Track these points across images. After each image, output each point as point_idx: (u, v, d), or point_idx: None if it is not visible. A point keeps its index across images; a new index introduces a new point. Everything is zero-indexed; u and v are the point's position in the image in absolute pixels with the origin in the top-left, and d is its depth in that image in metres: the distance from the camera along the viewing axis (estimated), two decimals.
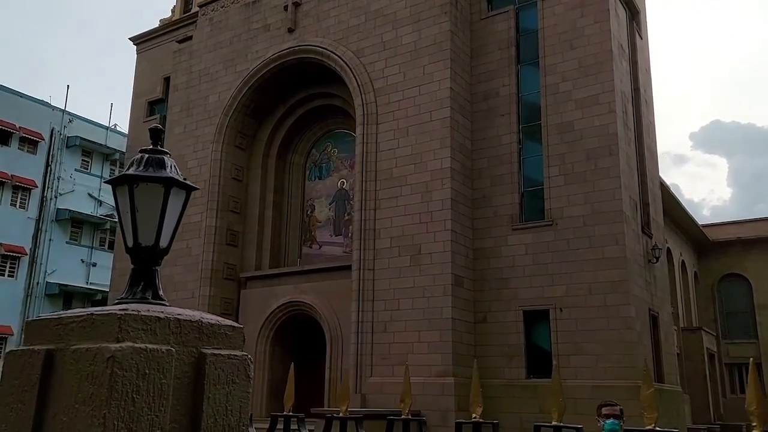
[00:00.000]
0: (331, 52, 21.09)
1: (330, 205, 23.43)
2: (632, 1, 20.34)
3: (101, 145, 37.74)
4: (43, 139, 35.64)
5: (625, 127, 18.00)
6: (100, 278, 35.17)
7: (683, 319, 32.10)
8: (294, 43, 22.10)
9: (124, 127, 37.87)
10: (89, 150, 37.64)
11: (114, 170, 38.74)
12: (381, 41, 20.10)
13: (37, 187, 35.05)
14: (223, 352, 2.42)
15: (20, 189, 34.66)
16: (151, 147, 3.11)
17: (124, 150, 34.67)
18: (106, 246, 37.09)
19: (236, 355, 2.47)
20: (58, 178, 35.75)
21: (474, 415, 4.56)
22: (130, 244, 2.84)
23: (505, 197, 18.27)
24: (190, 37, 25.38)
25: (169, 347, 2.25)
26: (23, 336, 2.80)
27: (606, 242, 16.62)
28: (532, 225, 17.66)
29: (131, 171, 2.88)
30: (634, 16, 20.64)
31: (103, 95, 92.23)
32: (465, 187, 18.51)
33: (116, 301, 2.81)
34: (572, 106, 17.81)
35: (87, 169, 37.53)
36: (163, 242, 2.82)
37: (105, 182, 3.02)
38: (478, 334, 17.71)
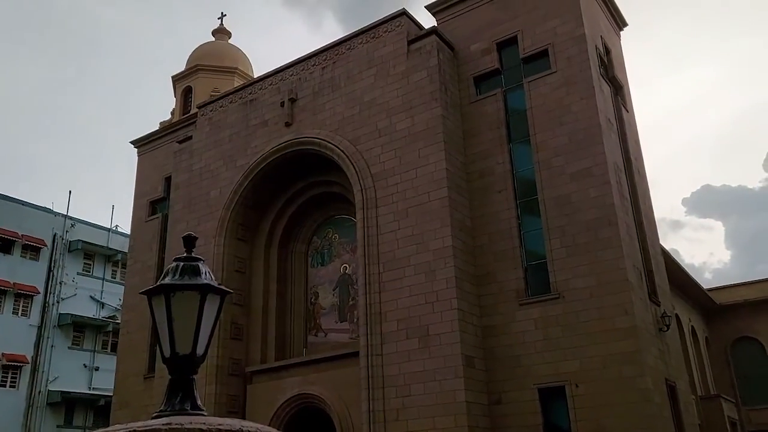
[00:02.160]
0: (328, 142, 21.68)
1: (333, 290, 23.33)
2: (615, 77, 21.15)
3: (103, 246, 37.95)
4: (46, 245, 35.88)
5: (621, 197, 18.25)
6: (103, 382, 34.37)
7: (700, 387, 31.24)
8: (292, 136, 22.75)
9: (124, 228, 38.27)
10: (91, 252, 37.81)
11: (116, 271, 38.76)
12: (376, 129, 20.71)
13: (39, 293, 34.94)
14: None
15: (22, 296, 34.53)
16: (185, 255, 3.14)
17: (125, 251, 34.87)
18: (109, 348, 36.51)
19: None
20: (61, 283, 35.69)
21: None
22: (167, 354, 2.81)
23: (509, 272, 18.25)
24: (190, 137, 26.11)
25: None
26: None
27: (615, 313, 16.46)
28: (539, 299, 17.54)
29: (167, 280, 2.90)
30: (618, 91, 21.41)
31: (104, 198, 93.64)
32: (468, 264, 18.53)
33: (155, 414, 2.76)
34: (567, 180, 18.13)
35: (89, 271, 37.54)
36: (200, 350, 2.81)
37: (140, 293, 3.05)
38: (494, 416, 17.18)
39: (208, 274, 2.95)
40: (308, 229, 24.64)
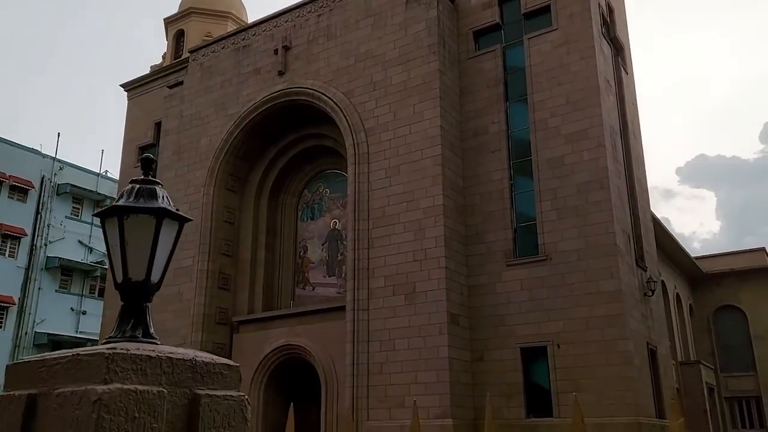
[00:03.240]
0: (322, 93, 21.27)
1: (323, 245, 23.28)
2: (617, 37, 20.72)
3: (92, 191, 37.60)
4: (33, 187, 35.48)
5: (614, 161, 18.10)
6: (90, 326, 34.57)
7: (681, 353, 31.77)
8: (284, 86, 22.30)
9: (114, 173, 37.85)
10: (80, 197, 37.47)
11: None
12: (371, 81, 20.30)
13: (26, 235, 34.73)
14: (218, 392, 2.22)
15: (9, 238, 34.32)
16: (141, 177, 2.97)
17: (115, 196, 34.52)
18: (96, 293, 36.58)
19: (233, 396, 2.27)
20: (48, 226, 35.46)
21: None
22: (119, 279, 2.68)
23: (498, 233, 18.21)
24: (181, 83, 25.57)
25: (161, 388, 2.07)
26: (5, 380, 2.56)
27: (601, 276, 16.51)
28: (527, 260, 17.55)
29: (121, 202, 2.74)
30: (619, 51, 21.01)
31: (94, 142, 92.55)
32: (458, 224, 18.45)
33: (105, 339, 2.65)
34: (562, 141, 17.93)
35: (77, 216, 37.28)
36: (155, 277, 2.67)
37: (94, 215, 2.82)
38: (476, 373, 17.40)
39: (166, 198, 2.79)
40: (299, 183, 24.42)
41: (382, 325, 17.91)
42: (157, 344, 2.53)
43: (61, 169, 36.57)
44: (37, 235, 34.99)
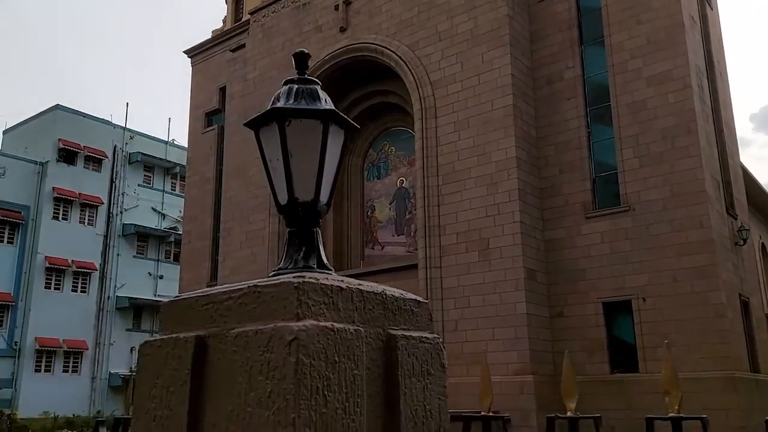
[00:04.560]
0: (385, 47, 20.70)
1: (390, 204, 23.01)
2: None
3: (162, 159, 38.53)
4: (107, 157, 36.63)
5: (702, 103, 16.89)
6: (167, 290, 35.83)
7: (764, 306, 30.17)
8: (347, 42, 21.82)
9: (181, 141, 38.65)
10: (150, 165, 38.49)
11: (175, 183, 39.50)
12: (435, 32, 19.58)
13: (103, 203, 36.04)
14: (413, 333, 1.82)
15: (87, 206, 35.70)
16: (297, 76, 2.40)
17: (184, 163, 35.31)
18: (171, 258, 37.79)
19: (428, 339, 1.84)
20: (123, 194, 36.67)
21: (569, 411, 3.91)
22: (283, 200, 2.12)
23: (575, 184, 17.43)
24: (243, 46, 25.48)
25: (358, 327, 1.69)
26: (160, 322, 2.10)
27: (689, 225, 15.58)
28: (607, 212, 16.76)
29: (280, 104, 2.23)
30: None
31: (161, 111, 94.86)
32: (532, 176, 17.76)
33: (273, 272, 2.17)
34: (643, 84, 16.84)
35: (149, 183, 38.37)
36: (324, 196, 2.13)
37: (244, 124, 2.26)
38: (555, 329, 16.92)
39: (328, 100, 2.29)
40: (364, 142, 24.10)
41: (455, 283, 17.60)
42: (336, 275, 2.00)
43: (131, 138, 37.57)
44: (113, 204, 36.26)
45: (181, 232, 33.55)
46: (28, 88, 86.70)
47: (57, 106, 35.96)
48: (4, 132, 39.07)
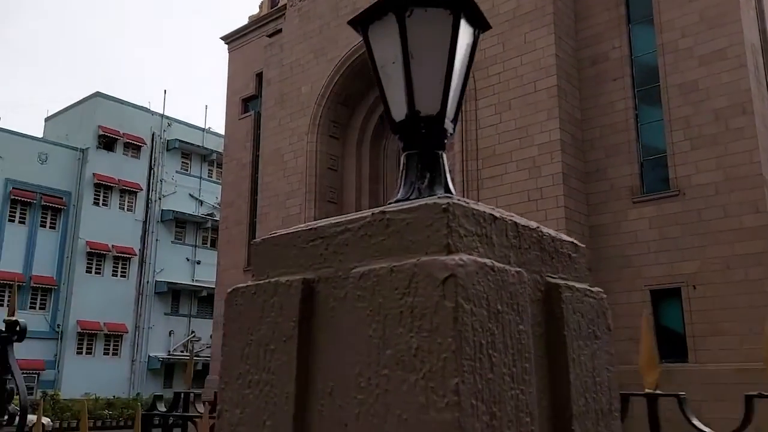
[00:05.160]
0: None
1: None
2: None
3: (199, 146, 38.85)
4: (145, 144, 37.07)
5: (757, 83, 16.13)
6: (205, 275, 36.23)
7: None
8: None
9: (216, 129, 38.89)
10: (188, 152, 38.85)
11: (212, 170, 39.82)
12: None
13: (142, 190, 36.53)
14: (576, 285, 1.34)
15: (127, 193, 36.23)
16: None
17: (220, 150, 35.52)
18: (209, 244, 38.17)
19: (592, 292, 1.35)
20: (161, 181, 37.11)
21: (647, 388, 3.46)
22: (400, 114, 1.60)
23: (622, 168, 16.86)
24: (280, 31, 25.35)
25: (518, 269, 1.27)
26: (253, 264, 1.49)
27: (744, 210, 14.92)
28: (656, 196, 16.17)
29: None
30: None
31: (197, 98, 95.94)
32: (576, 159, 17.24)
33: (392, 201, 1.54)
34: (695, 64, 16.15)
35: (187, 170, 38.76)
36: (451, 110, 1.60)
37: (349, 22, 1.56)
38: None
39: None
40: None
41: None
42: None
43: (169, 125, 37.94)
44: (152, 190, 36.73)
45: (217, 219, 33.81)
46: (68, 75, 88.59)
47: (97, 94, 36.48)
48: (46, 119, 39.85)
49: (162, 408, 2.72)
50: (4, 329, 2.04)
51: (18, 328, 2.01)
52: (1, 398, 1.91)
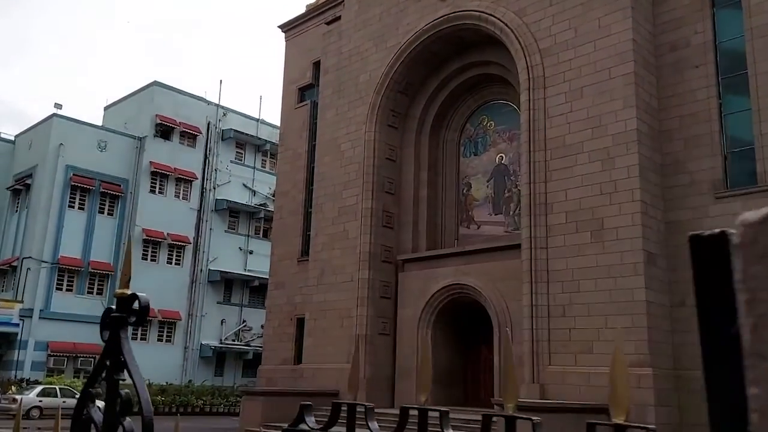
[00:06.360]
0: (490, 14, 19.52)
1: (488, 182, 21.94)
2: None
3: (253, 136, 38.92)
4: (201, 133, 37.32)
5: None
6: (256, 265, 36.29)
7: None
8: (448, 10, 20.78)
9: (270, 119, 38.87)
10: (242, 142, 38.97)
11: (265, 161, 39.87)
12: None
13: (197, 178, 36.80)
14: None
15: (182, 181, 36.56)
16: None
17: (274, 141, 35.46)
18: (261, 234, 38.24)
19: None
20: (216, 170, 37.32)
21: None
22: None
23: (703, 161, 15.78)
24: (339, 18, 24.90)
25: None
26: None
27: None
28: (742, 191, 15.05)
29: None
30: None
31: (252, 89, 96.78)
32: (653, 151, 16.24)
33: None
34: None
35: (241, 160, 38.89)
36: None
37: None
38: (676, 319, 15.43)
39: None
40: (461, 116, 23.09)
41: (563, 265, 16.40)
42: None
43: (224, 115, 38.11)
44: (206, 179, 36.97)
45: (270, 209, 33.77)
46: (126, 64, 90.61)
47: (154, 83, 36.89)
48: (105, 108, 40.58)
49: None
50: (115, 307, 1.51)
51: (138, 305, 1.48)
52: (113, 409, 1.37)
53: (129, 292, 1.53)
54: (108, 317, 1.49)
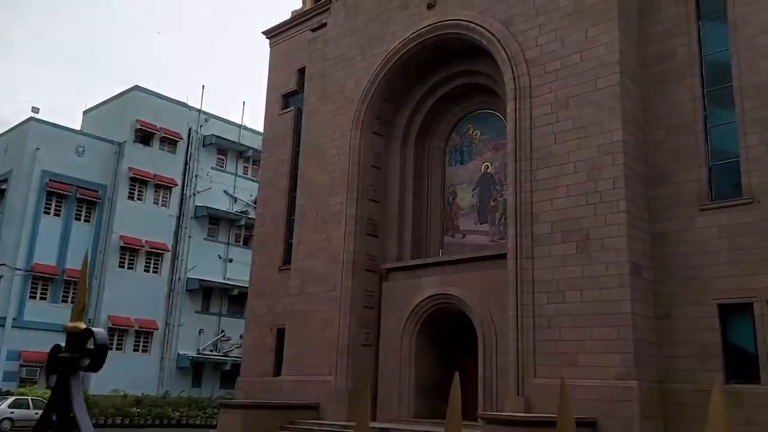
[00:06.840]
0: (477, 24, 19.47)
1: (473, 190, 21.82)
2: None
3: (235, 142, 38.47)
4: (182, 139, 36.80)
5: None
6: (236, 274, 35.75)
7: None
8: (435, 20, 20.70)
9: (253, 125, 38.49)
10: (224, 148, 38.50)
11: (247, 167, 39.43)
12: (533, 7, 18.22)
13: (176, 185, 36.23)
14: None
15: (162, 188, 35.97)
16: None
17: (256, 147, 35.08)
18: (242, 242, 37.72)
19: None
20: (196, 176, 36.78)
21: None
22: None
23: (689, 172, 15.79)
24: (325, 24, 24.73)
25: None
26: None
27: None
28: (726, 203, 15.07)
29: None
30: None
31: (235, 95, 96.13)
32: (639, 162, 16.23)
33: None
34: None
35: (222, 166, 38.40)
36: None
37: None
38: (661, 331, 15.36)
39: None
40: (447, 125, 22.99)
41: (549, 275, 16.27)
42: None
43: (206, 121, 37.64)
44: (186, 185, 36.40)
45: (252, 216, 33.35)
46: (106, 69, 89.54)
47: (135, 87, 36.33)
48: (84, 112, 39.88)
49: None
50: (64, 346, 1.15)
51: (94, 344, 1.12)
52: None
53: (83, 326, 1.19)
54: (56, 358, 1.14)
